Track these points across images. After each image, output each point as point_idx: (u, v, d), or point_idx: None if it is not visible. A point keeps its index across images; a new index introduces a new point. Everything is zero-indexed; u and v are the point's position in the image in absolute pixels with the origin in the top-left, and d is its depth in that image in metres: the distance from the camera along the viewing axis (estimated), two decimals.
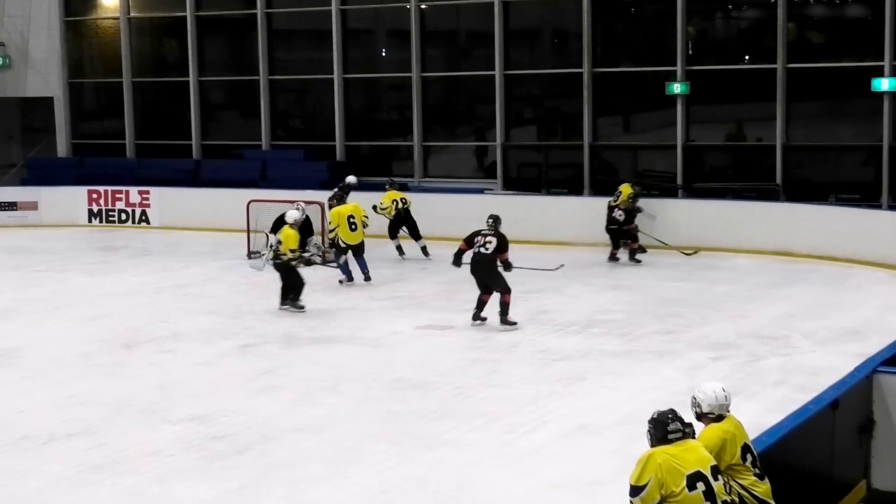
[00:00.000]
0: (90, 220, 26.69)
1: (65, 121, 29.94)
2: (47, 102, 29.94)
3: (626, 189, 20.73)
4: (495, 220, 15.86)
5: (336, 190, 21.35)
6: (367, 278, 18.90)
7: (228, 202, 24.25)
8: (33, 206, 26.85)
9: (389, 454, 10.57)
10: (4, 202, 27.01)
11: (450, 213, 23.23)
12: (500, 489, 9.68)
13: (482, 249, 15.55)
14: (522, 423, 11.42)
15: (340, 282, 18.98)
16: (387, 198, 21.47)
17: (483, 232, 15.73)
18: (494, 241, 15.52)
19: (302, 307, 16.76)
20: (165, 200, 26.31)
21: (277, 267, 16.97)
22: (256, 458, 10.48)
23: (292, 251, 16.77)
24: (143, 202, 26.48)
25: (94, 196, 26.86)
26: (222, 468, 10.23)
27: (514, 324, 15.30)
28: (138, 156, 29.37)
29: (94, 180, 27.31)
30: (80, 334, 15.71)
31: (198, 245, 23.46)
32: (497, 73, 25.49)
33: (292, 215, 17.42)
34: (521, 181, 25.72)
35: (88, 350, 14.78)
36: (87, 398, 12.54)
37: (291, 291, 16.85)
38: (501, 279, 15.54)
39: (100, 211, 26.71)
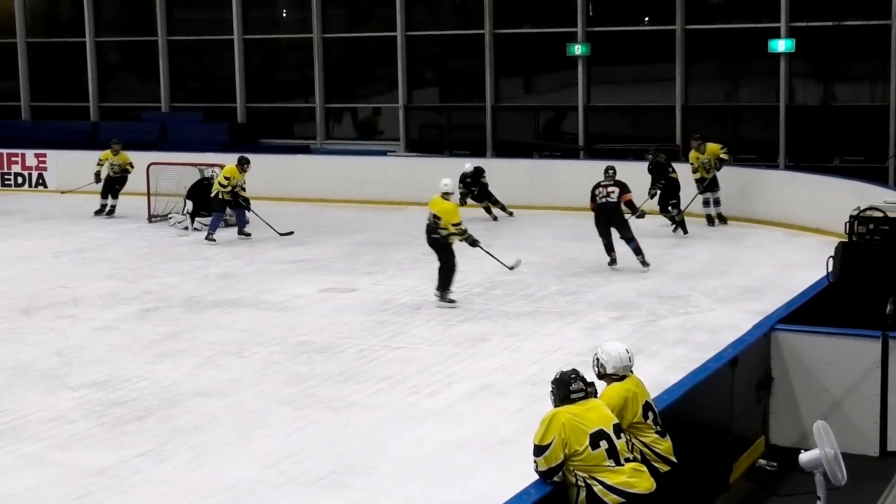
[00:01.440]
0: None
1: None
2: None
3: None
4: (614, 171, 16.79)
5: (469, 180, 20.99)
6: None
7: None
8: None
9: (295, 417, 10.55)
10: None
11: (350, 175, 23.20)
12: (405, 450, 9.71)
13: (608, 199, 16.36)
14: (427, 384, 11.47)
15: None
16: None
17: (603, 183, 16.58)
18: (616, 189, 16.37)
19: (453, 301, 14.62)
20: (63, 163, 25.83)
21: (434, 243, 14.72)
22: (159, 423, 10.39)
23: (455, 226, 14.51)
24: (40, 165, 25.99)
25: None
26: (124, 434, 10.13)
27: (648, 265, 16.42)
28: (34, 118, 28.82)
29: None
30: None
31: (96, 208, 23.10)
32: (399, 33, 25.42)
33: (448, 184, 14.87)
34: (424, 143, 25.73)
35: None
36: None
37: (443, 277, 14.64)
38: (628, 224, 16.57)
39: None
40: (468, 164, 21.26)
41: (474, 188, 20.98)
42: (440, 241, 14.57)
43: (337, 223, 20.11)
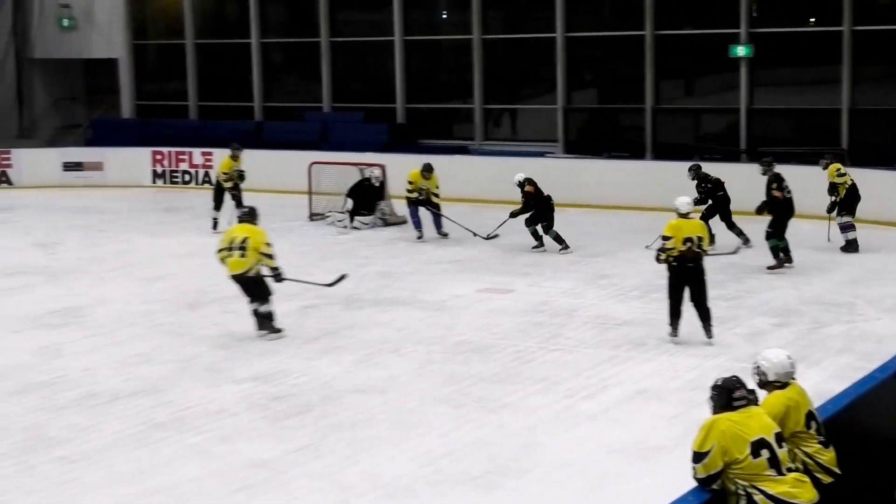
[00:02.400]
0: (154, 181, 26.93)
1: (129, 82, 30.19)
2: (111, 64, 30.17)
3: None
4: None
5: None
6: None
7: (289, 164, 24.31)
8: (98, 166, 27.11)
9: (451, 416, 10.61)
10: (70, 162, 27.30)
11: (508, 176, 23.20)
12: (560, 453, 9.69)
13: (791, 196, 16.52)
14: (582, 387, 11.42)
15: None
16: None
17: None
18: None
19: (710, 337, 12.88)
20: None
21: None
22: (319, 418, 10.57)
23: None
24: (206, 163, 26.65)
25: (158, 157, 27.09)
26: (285, 428, 10.33)
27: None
28: (201, 117, 29.55)
29: (157, 141, 27.52)
30: (143, 294, 15.88)
31: (258, 206, 23.50)
32: (558, 35, 25.33)
33: (684, 203, 12.97)
34: (582, 144, 25.60)
35: (152, 310, 14.94)
36: (151, 357, 12.69)
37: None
38: None
39: (164, 172, 26.93)
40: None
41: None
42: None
43: (494, 224, 20.11)
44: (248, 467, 9.39)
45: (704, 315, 12.85)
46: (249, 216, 14.03)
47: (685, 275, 12.70)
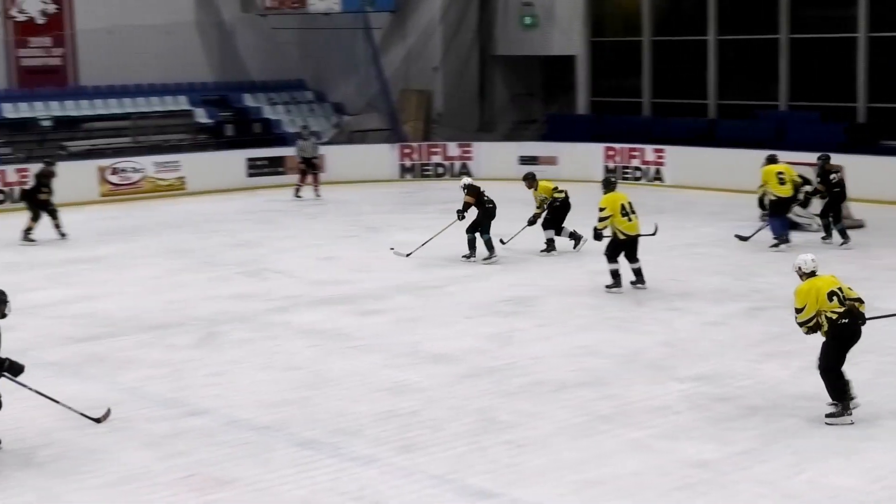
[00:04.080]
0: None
1: (585, 79, 30.78)
2: (568, 61, 30.87)
3: None
4: None
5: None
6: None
7: (741, 162, 23.94)
8: (553, 161, 27.84)
9: None
10: (526, 156, 28.23)
11: None
12: None
13: None
14: None
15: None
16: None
17: None
18: None
19: None
20: (679, 159, 26.43)
21: None
22: (763, 423, 10.36)
23: None
24: (658, 160, 26.76)
25: (610, 153, 27.51)
26: (728, 430, 10.20)
27: None
28: (653, 114, 29.67)
29: (608, 137, 27.91)
30: (593, 287, 16.12)
31: (709, 205, 23.42)
32: None
33: None
34: None
35: (601, 303, 15.19)
36: (597, 350, 12.90)
37: None
38: None
39: (615, 168, 27.26)
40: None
41: None
42: None
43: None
44: (689, 466, 9.34)
45: None
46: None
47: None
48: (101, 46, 29.52)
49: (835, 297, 10.22)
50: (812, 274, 10.46)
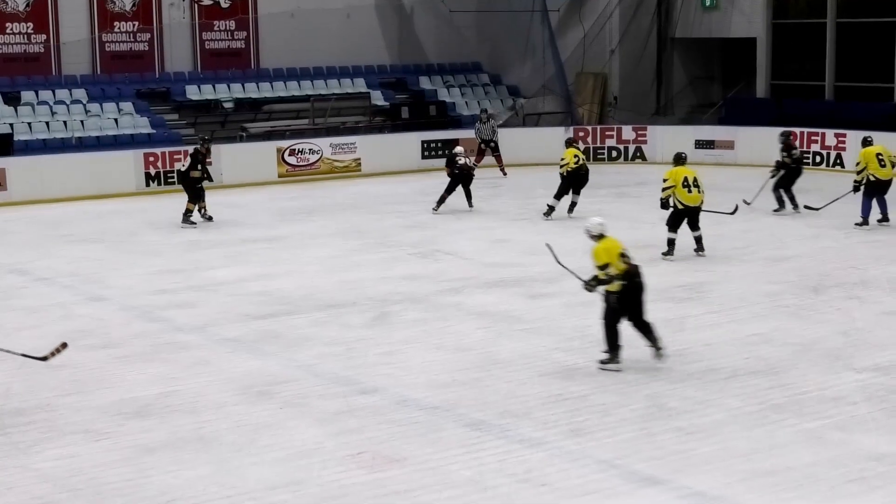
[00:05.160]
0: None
1: (765, 62, 30.15)
2: (749, 43, 30.28)
3: None
4: None
5: None
6: None
7: None
8: (730, 145, 27.42)
9: None
10: (702, 140, 27.83)
11: None
12: None
13: None
14: None
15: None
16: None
17: None
18: None
19: None
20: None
21: None
22: None
23: None
24: (839, 145, 26.06)
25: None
26: None
27: None
28: (836, 98, 28.90)
29: (789, 122, 27.27)
30: (767, 274, 15.87)
31: (892, 191, 22.64)
32: None
33: None
34: None
35: (776, 290, 14.91)
36: (772, 338, 12.67)
37: None
38: None
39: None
40: None
41: None
42: None
43: None
44: (864, 459, 9.12)
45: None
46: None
47: None
48: (283, 30, 30.22)
49: (623, 258, 11.44)
50: (601, 237, 11.65)
